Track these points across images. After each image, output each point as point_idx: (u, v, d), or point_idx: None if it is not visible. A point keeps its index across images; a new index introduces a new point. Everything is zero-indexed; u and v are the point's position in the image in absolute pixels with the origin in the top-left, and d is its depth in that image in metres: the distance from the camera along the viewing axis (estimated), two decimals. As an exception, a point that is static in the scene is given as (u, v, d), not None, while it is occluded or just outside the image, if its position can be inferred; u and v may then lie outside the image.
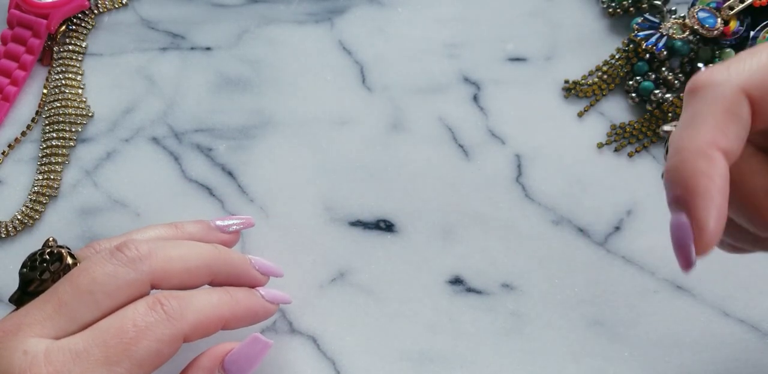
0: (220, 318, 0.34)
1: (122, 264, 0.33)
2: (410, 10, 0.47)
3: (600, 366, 0.40)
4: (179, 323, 0.32)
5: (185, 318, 0.32)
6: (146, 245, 0.34)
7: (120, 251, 0.33)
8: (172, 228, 0.37)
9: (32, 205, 0.43)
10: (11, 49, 0.46)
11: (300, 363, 0.40)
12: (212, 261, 0.35)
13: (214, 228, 0.38)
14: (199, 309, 0.33)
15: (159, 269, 0.33)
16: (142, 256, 0.33)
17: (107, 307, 0.32)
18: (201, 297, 0.34)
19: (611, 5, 0.46)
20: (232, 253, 0.37)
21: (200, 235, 0.38)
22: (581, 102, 0.45)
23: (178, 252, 0.34)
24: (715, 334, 0.40)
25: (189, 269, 0.34)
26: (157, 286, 0.34)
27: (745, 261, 0.42)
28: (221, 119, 0.45)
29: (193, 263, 0.34)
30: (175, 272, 0.34)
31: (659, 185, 0.43)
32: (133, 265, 0.33)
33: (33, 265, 0.34)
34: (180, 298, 0.33)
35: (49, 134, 0.44)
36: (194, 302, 0.33)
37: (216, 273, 0.35)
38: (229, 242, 0.39)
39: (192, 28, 0.47)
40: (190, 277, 0.34)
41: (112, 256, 0.33)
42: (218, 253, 0.36)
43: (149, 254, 0.33)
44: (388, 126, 0.45)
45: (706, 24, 0.44)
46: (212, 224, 0.39)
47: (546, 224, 0.43)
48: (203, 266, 0.35)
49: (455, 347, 0.40)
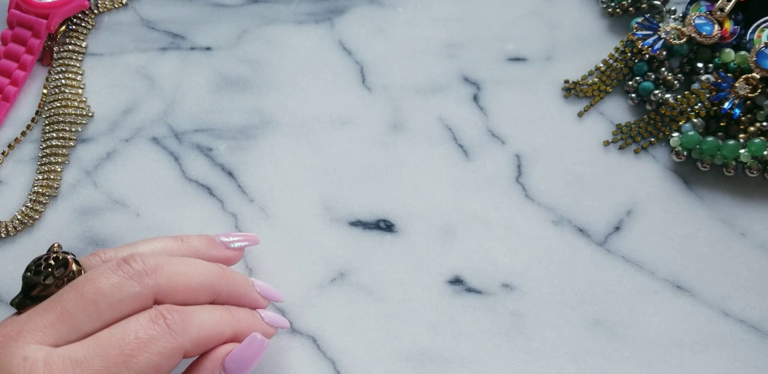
0: (221, 336, 0.34)
1: (128, 277, 0.33)
2: (410, 10, 0.47)
3: (600, 366, 0.40)
4: (181, 337, 0.32)
5: (187, 332, 0.33)
6: (153, 260, 0.34)
7: (127, 264, 0.33)
8: (177, 241, 0.37)
9: (32, 205, 0.43)
10: (11, 49, 0.46)
11: (300, 363, 0.40)
12: (216, 281, 0.35)
13: (218, 244, 0.38)
14: (201, 324, 0.33)
15: (164, 285, 0.33)
16: (148, 270, 0.33)
17: (110, 318, 0.32)
18: (203, 314, 0.34)
19: (611, 5, 0.46)
20: (236, 274, 0.37)
21: (205, 249, 0.38)
22: (581, 102, 0.45)
23: (184, 269, 0.35)
24: (715, 334, 0.40)
25: (193, 286, 0.35)
26: (161, 301, 0.34)
27: (745, 261, 0.42)
28: (221, 119, 0.45)
29: (197, 281, 0.35)
30: (180, 288, 0.34)
31: (659, 185, 0.43)
32: (138, 278, 0.33)
33: (37, 270, 0.34)
34: (183, 313, 0.33)
35: (49, 134, 0.44)
36: (196, 317, 0.33)
37: (218, 293, 0.36)
38: (233, 258, 0.39)
39: (192, 28, 0.47)
40: (193, 294, 0.35)
41: (118, 268, 0.33)
42: (222, 273, 0.36)
43: (155, 269, 0.34)
44: (388, 126, 0.45)
45: (703, 31, 0.44)
46: (217, 239, 0.39)
47: (546, 224, 0.43)
48: (207, 284, 0.35)
49: (455, 347, 0.40)
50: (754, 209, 0.43)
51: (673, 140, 0.43)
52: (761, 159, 0.42)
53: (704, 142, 0.43)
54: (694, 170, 0.43)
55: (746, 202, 0.43)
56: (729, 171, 0.43)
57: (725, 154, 0.42)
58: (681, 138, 0.43)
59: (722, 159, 0.43)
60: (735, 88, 0.43)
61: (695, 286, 0.41)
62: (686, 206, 0.43)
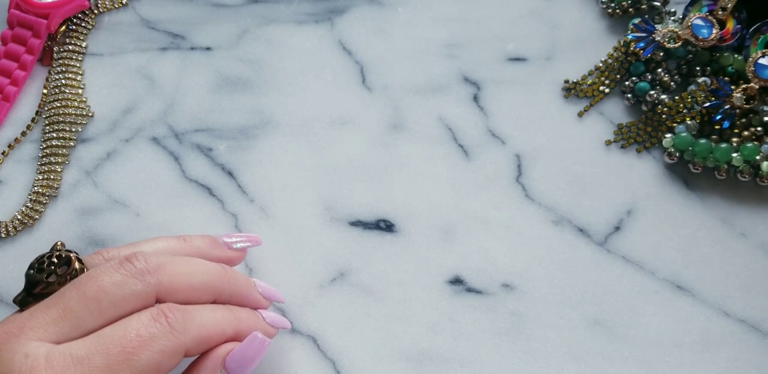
0: (222, 335, 0.34)
1: (130, 275, 0.33)
2: (410, 10, 0.47)
3: (600, 366, 0.40)
4: (182, 336, 0.32)
5: (188, 331, 0.33)
6: (155, 259, 0.34)
7: (129, 262, 0.33)
8: (180, 241, 0.37)
9: (32, 205, 0.43)
10: (11, 49, 0.46)
11: (300, 363, 0.40)
12: (218, 280, 0.36)
13: (221, 244, 0.38)
14: (202, 323, 0.33)
15: (166, 283, 0.34)
16: (150, 269, 0.33)
17: (111, 316, 0.32)
18: (205, 313, 0.34)
19: (611, 6, 0.46)
20: (238, 275, 0.37)
21: (207, 249, 0.38)
22: (581, 102, 0.45)
23: (186, 269, 0.35)
24: (715, 334, 0.40)
25: (195, 286, 0.35)
26: (162, 300, 0.34)
27: (745, 261, 0.42)
28: (221, 119, 0.45)
29: (199, 280, 0.35)
30: (181, 287, 0.34)
31: (659, 185, 0.43)
32: (140, 277, 0.33)
33: (40, 267, 0.34)
34: (184, 311, 0.33)
35: (49, 134, 0.44)
36: (198, 316, 0.34)
37: (220, 293, 0.36)
38: (235, 259, 0.39)
39: (192, 28, 0.47)
40: (195, 294, 0.35)
41: (120, 266, 0.33)
42: (224, 273, 0.36)
43: (158, 267, 0.34)
44: (388, 126, 0.45)
45: (700, 35, 0.44)
46: (219, 239, 0.39)
47: (546, 224, 0.43)
48: (209, 284, 0.35)
49: (455, 347, 0.40)
50: (754, 209, 0.43)
51: (666, 141, 0.43)
52: (753, 163, 0.42)
53: (697, 144, 0.43)
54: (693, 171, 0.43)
55: (746, 202, 0.43)
56: (720, 174, 0.42)
57: (717, 157, 0.42)
58: (674, 139, 0.43)
59: (714, 162, 0.42)
60: (731, 98, 0.43)
61: (695, 286, 0.41)
62: (686, 206, 0.43)
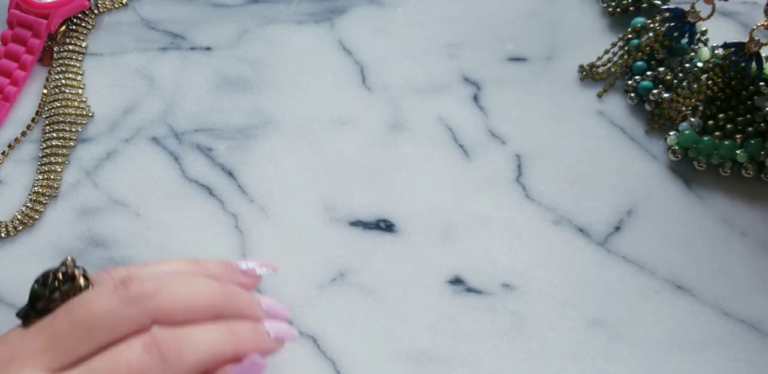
0: (221, 357, 0.33)
1: (124, 301, 0.32)
2: (410, 10, 0.47)
3: (600, 366, 0.40)
4: (176, 366, 0.31)
5: (183, 360, 0.31)
6: (152, 283, 0.33)
7: (124, 286, 0.32)
8: (193, 264, 0.36)
9: (32, 205, 0.43)
10: (11, 49, 0.46)
11: (300, 363, 0.40)
12: (218, 301, 0.34)
13: (235, 269, 0.37)
14: (198, 350, 0.32)
15: (163, 308, 0.32)
16: (145, 294, 0.32)
17: (104, 341, 0.31)
18: (202, 337, 0.33)
19: (611, 5, 0.46)
20: (241, 294, 0.36)
21: (220, 275, 0.36)
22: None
23: (185, 291, 0.33)
24: (715, 334, 0.40)
25: (194, 309, 0.33)
26: (159, 323, 0.33)
27: (745, 261, 0.42)
28: (221, 119, 0.45)
29: (198, 302, 0.33)
30: (179, 311, 0.33)
31: (659, 185, 0.43)
32: (135, 302, 0.32)
33: (45, 282, 0.34)
34: (178, 340, 0.32)
35: (49, 134, 0.44)
36: (193, 343, 0.32)
37: (221, 313, 0.34)
38: (248, 285, 0.37)
39: (192, 28, 0.47)
40: (195, 316, 0.33)
41: (115, 291, 0.32)
42: (226, 294, 0.35)
43: (155, 292, 0.32)
44: (388, 126, 0.45)
45: None
46: (234, 265, 0.37)
47: (546, 224, 0.43)
48: (209, 306, 0.34)
49: (455, 347, 0.40)
50: (754, 209, 0.43)
51: (670, 139, 0.43)
52: (757, 160, 0.42)
53: (701, 141, 0.43)
54: (694, 170, 0.43)
55: (746, 202, 0.43)
56: (725, 171, 0.43)
57: (721, 154, 0.42)
58: (678, 137, 0.43)
59: (718, 159, 0.43)
60: (687, 15, 0.44)
61: (695, 286, 0.41)
62: (686, 206, 0.43)
